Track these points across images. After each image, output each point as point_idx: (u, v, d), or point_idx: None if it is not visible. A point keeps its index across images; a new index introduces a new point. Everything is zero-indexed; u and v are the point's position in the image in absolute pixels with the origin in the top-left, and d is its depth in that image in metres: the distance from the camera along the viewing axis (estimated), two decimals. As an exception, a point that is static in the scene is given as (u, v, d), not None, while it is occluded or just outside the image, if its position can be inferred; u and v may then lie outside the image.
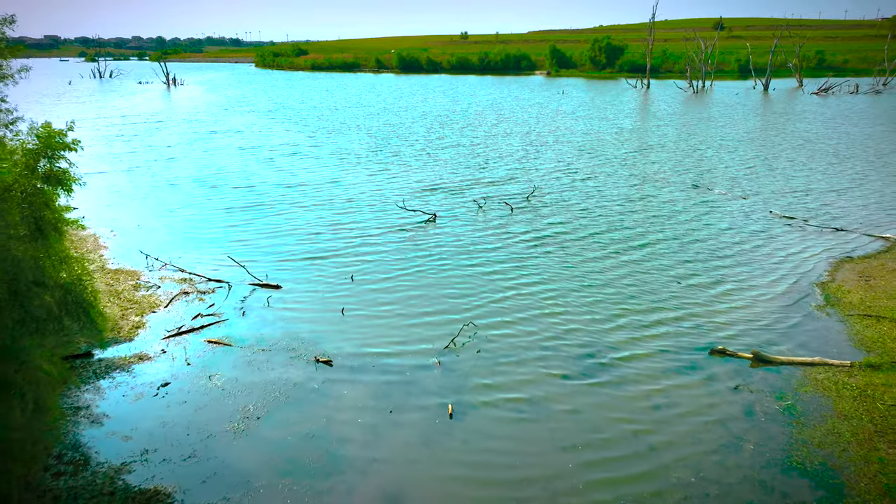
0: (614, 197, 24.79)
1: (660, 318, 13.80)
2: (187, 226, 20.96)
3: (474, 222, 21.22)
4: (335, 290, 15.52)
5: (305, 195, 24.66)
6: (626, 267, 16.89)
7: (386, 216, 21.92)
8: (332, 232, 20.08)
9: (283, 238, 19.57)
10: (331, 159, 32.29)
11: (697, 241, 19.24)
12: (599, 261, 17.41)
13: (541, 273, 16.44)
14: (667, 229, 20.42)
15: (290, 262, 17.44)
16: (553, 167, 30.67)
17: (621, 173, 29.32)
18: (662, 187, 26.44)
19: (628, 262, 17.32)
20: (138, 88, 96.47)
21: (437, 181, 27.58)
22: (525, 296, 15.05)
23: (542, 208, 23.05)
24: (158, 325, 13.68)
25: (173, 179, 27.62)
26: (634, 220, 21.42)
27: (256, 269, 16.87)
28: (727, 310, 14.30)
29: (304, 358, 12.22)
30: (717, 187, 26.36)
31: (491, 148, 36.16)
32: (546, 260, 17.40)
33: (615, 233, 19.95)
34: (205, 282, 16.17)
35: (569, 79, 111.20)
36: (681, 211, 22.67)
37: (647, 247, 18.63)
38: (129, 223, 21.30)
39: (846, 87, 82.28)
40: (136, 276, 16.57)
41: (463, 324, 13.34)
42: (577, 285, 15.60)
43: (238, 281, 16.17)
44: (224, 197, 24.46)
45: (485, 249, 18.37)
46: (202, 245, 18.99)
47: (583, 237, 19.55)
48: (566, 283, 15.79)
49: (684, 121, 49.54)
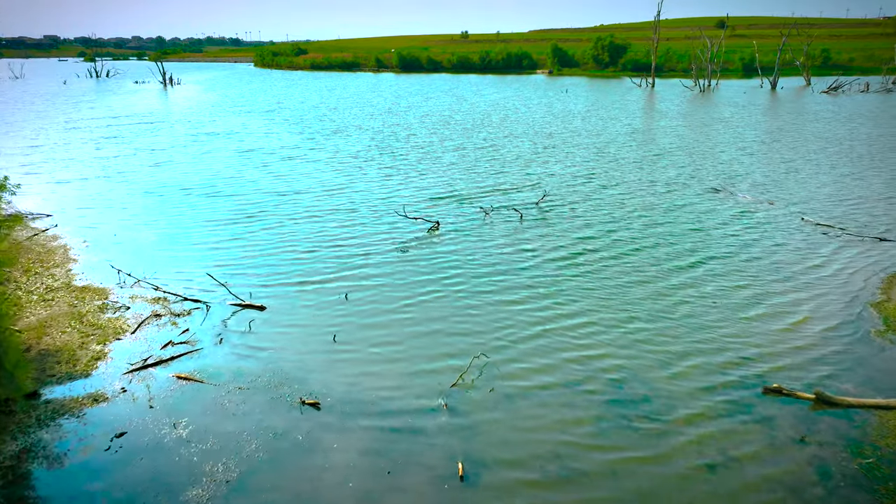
0: (629, 202, 22.98)
1: (698, 347, 11.98)
2: (168, 237, 19.11)
3: (481, 231, 19.41)
4: (326, 312, 13.71)
5: (299, 204, 22.72)
6: (650, 284, 15.07)
7: (385, 225, 20.12)
8: (325, 244, 18.23)
9: (272, 251, 17.72)
10: (328, 164, 30.42)
11: (728, 254, 17.42)
12: (620, 277, 15.59)
13: (557, 293, 14.61)
14: (690, 239, 18.61)
15: (278, 279, 15.62)
16: (562, 170, 28.87)
17: (635, 176, 27.51)
18: (680, 191, 24.63)
19: (651, 278, 15.50)
20: (134, 88, 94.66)
21: (439, 185, 25.78)
22: (542, 321, 13.23)
23: (552, 215, 21.24)
24: (122, 355, 11.88)
25: (158, 186, 25.75)
26: (654, 230, 19.61)
27: (241, 286, 15.07)
28: (772, 336, 12.47)
29: (288, 399, 10.41)
30: (740, 192, 24.55)
31: (496, 150, 34.36)
32: (562, 277, 15.57)
33: (634, 244, 18.13)
34: (181, 301, 14.37)
35: (571, 78, 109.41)
36: (703, 218, 20.86)
37: (672, 261, 16.82)
38: (105, 233, 19.50)
39: (856, 85, 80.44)
40: (104, 294, 14.76)
41: (472, 356, 11.53)
42: (599, 306, 13.78)
43: (218, 300, 14.37)
44: (212, 206, 22.55)
45: (493, 264, 16.54)
46: (183, 259, 17.17)
47: (599, 249, 17.72)
48: (586, 303, 13.97)
49: (696, 121, 47.74)
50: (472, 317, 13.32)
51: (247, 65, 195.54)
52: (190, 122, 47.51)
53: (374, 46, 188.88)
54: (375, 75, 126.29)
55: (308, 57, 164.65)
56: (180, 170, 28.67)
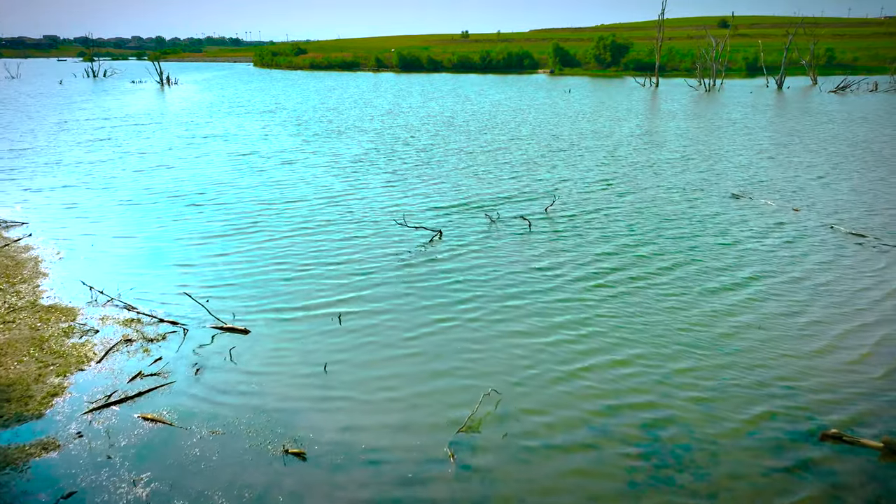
0: (645, 210, 21.55)
1: (743, 385, 10.51)
2: (150, 250, 17.62)
3: (486, 243, 17.97)
4: (317, 337, 12.27)
5: (293, 215, 21.06)
6: (682, 311, 13.55)
7: (384, 236, 18.67)
8: (318, 260, 16.70)
9: (260, 267, 16.18)
10: (327, 169, 28.82)
11: (764, 273, 15.96)
12: (646, 301, 14.10)
13: (576, 321, 13.12)
14: (720, 255, 17.16)
15: (265, 298, 14.15)
16: (571, 175, 27.45)
17: (648, 181, 26.08)
18: (699, 197, 23.19)
19: (683, 303, 14.00)
20: (130, 88, 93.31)
21: (442, 190, 24.36)
22: (560, 353, 11.79)
23: (563, 225, 19.81)
24: (83, 389, 10.44)
25: (145, 193, 24.17)
26: (676, 243, 18.16)
27: (224, 306, 13.64)
28: (829, 372, 10.99)
29: (270, 447, 8.98)
30: (761, 197, 23.12)
31: (501, 153, 32.96)
32: (580, 301, 14.07)
33: (657, 261, 16.64)
34: (156, 323, 12.94)
35: (573, 77, 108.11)
36: (729, 229, 19.41)
37: (704, 281, 15.34)
38: (82, 244, 18.06)
39: (864, 85, 79.03)
40: (72, 314, 13.33)
41: (482, 392, 10.08)
42: (625, 338, 12.28)
43: (197, 322, 12.94)
44: (200, 216, 20.93)
45: (502, 286, 15.06)
46: (164, 274, 15.71)
47: (619, 267, 16.22)
48: (611, 333, 12.48)
49: (706, 123, 46.35)
50: (481, 347, 11.85)
51: (246, 65, 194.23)
52: (185, 124, 46.08)
53: (373, 46, 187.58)
54: (375, 75, 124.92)
55: (307, 56, 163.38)
56: (170, 175, 27.09)
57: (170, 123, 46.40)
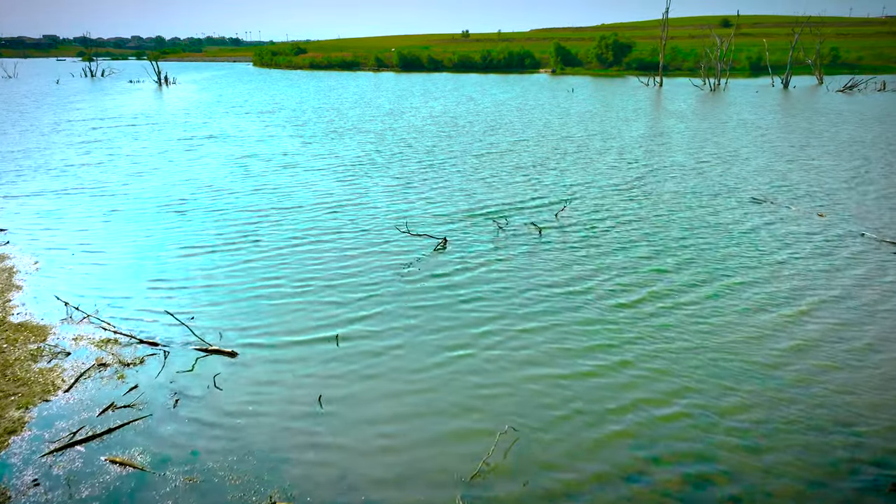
0: (663, 216, 20.36)
1: (791, 422, 9.29)
2: (135, 262, 16.34)
3: (495, 252, 16.77)
4: (311, 362, 11.08)
5: (289, 224, 19.66)
6: (716, 336, 12.18)
7: (386, 245, 17.46)
8: (315, 273, 15.42)
9: (252, 282, 14.92)
10: (326, 172, 27.44)
11: (804, 291, 14.71)
12: (669, 315, 12.89)
13: (600, 347, 11.90)
14: (751, 269, 15.93)
15: (256, 315, 12.95)
16: (582, 178, 26.29)
17: (663, 185, 24.91)
18: (718, 202, 21.99)
19: (718, 326, 12.71)
20: (128, 88, 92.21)
21: (447, 194, 23.18)
22: (579, 379, 10.59)
23: (575, 231, 18.62)
24: (46, 425, 9.25)
25: (134, 199, 22.82)
26: (703, 255, 16.94)
27: (211, 324, 12.46)
28: (882, 404, 9.80)
29: (255, 498, 7.78)
30: (783, 202, 21.93)
31: (509, 155, 31.81)
32: (600, 322, 12.82)
33: (684, 275, 15.35)
34: (134, 344, 11.75)
35: (575, 77, 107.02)
36: (757, 238, 18.20)
37: (738, 301, 14.05)
38: (62, 254, 16.87)
39: (872, 84, 77.83)
40: (43, 334, 12.15)
41: (498, 432, 8.88)
42: (657, 367, 10.95)
43: (180, 343, 11.75)
44: (189, 225, 19.56)
45: (513, 297, 13.85)
46: (148, 289, 14.49)
47: (640, 284, 14.95)
48: (640, 361, 11.20)
49: (717, 123, 45.18)
50: (495, 380, 10.59)
51: (246, 64, 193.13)
52: (180, 125, 44.87)
53: (374, 46, 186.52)
54: (376, 74, 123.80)
55: (307, 56, 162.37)
56: (162, 180, 25.70)
57: (165, 124, 45.22)
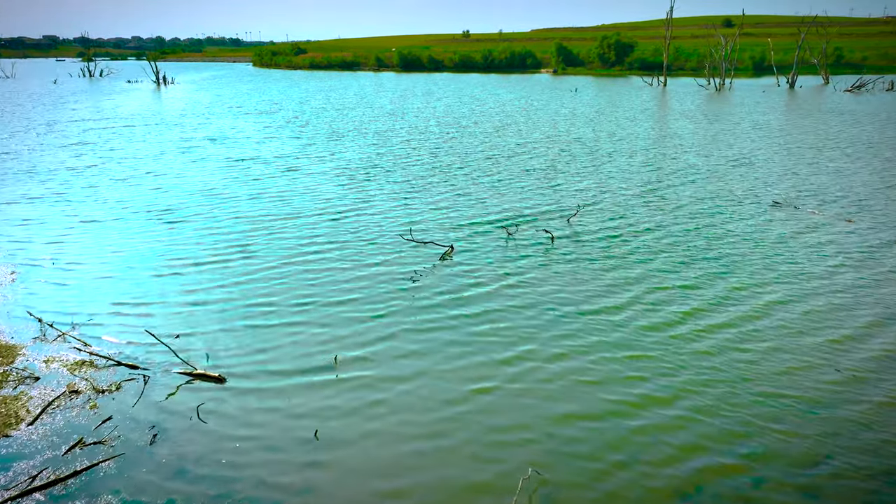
0: (680, 222, 19.24)
1: (855, 466, 8.19)
2: (117, 274, 15.10)
3: (505, 262, 15.62)
4: (307, 387, 9.95)
5: (287, 233, 18.22)
6: (754, 359, 10.99)
7: (389, 254, 16.30)
8: (313, 288, 14.09)
9: (245, 298, 13.68)
10: (325, 177, 25.89)
11: (838, 305, 13.57)
12: (703, 342, 11.68)
13: (621, 370, 10.72)
14: (779, 278, 14.77)
15: (248, 337, 11.80)
16: (594, 182, 25.18)
17: (680, 189, 23.79)
18: (738, 207, 20.87)
19: (747, 344, 11.57)
20: (125, 88, 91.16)
21: (452, 198, 22.06)
22: (607, 419, 9.44)
23: (590, 239, 17.48)
24: (3, 467, 8.11)
25: (122, 206, 21.37)
26: (722, 263, 15.79)
27: (198, 345, 11.33)
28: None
29: (237, 561, 6.66)
30: (804, 205, 20.81)
31: (517, 158, 30.71)
32: (623, 341, 11.61)
33: (707, 289, 14.15)
34: (112, 367, 10.62)
35: (576, 77, 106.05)
36: (780, 245, 17.06)
37: (769, 317, 12.89)
38: (41, 264, 15.74)
39: (880, 84, 76.81)
40: (11, 354, 11.02)
41: (521, 476, 7.75)
42: (686, 397, 9.76)
43: (162, 366, 10.62)
44: (180, 235, 18.09)
45: (527, 316, 12.69)
46: (130, 304, 13.31)
47: (660, 294, 13.77)
48: (665, 390, 10.02)
49: (728, 124, 44.08)
50: (513, 416, 9.43)
51: (245, 64, 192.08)
52: (176, 127, 43.68)
53: (374, 46, 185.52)
54: (376, 74, 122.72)
55: (307, 56, 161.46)
56: (153, 186, 24.18)
57: (161, 126, 44.06)
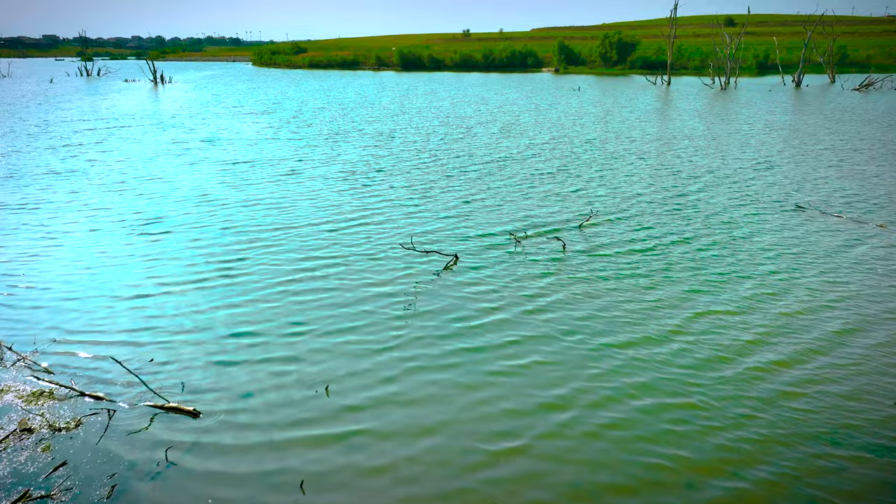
0: (702, 228, 17.98)
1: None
2: (90, 292, 13.62)
3: (513, 273, 14.36)
4: (292, 423, 8.71)
5: (277, 247, 16.51)
6: (800, 390, 9.86)
7: (388, 269, 14.97)
8: (303, 310, 12.66)
9: (227, 323, 12.24)
10: (324, 182, 24.24)
11: (890, 330, 12.37)
12: (745, 377, 10.43)
13: (663, 413, 9.53)
14: (815, 293, 13.51)
15: (227, 366, 10.51)
16: (605, 184, 23.93)
17: (697, 192, 22.53)
18: (759, 210, 19.62)
19: (790, 370, 10.36)
20: (122, 87, 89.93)
21: (456, 203, 20.81)
22: (655, 472, 8.22)
23: (605, 248, 16.21)
24: (-67, 527, 6.91)
25: (104, 216, 19.65)
26: (753, 277, 14.50)
27: (173, 374, 10.09)
28: None
29: None
30: (830, 209, 19.57)
31: (523, 159, 29.47)
32: (656, 378, 10.33)
33: (738, 307, 12.83)
34: (74, 398, 9.39)
35: (578, 76, 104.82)
36: (813, 254, 15.79)
37: (815, 341, 11.67)
38: (11, 276, 14.49)
39: (888, 82, 75.58)
40: (-37, 383, 9.79)
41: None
42: (734, 450, 8.65)
43: (130, 397, 9.38)
44: (164, 250, 16.39)
45: (539, 344, 11.42)
46: (101, 326, 11.99)
47: (686, 313, 12.49)
48: (710, 439, 8.88)
49: (738, 124, 42.84)
50: (551, 478, 8.27)
51: (245, 64, 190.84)
52: (170, 127, 42.30)
53: (374, 45, 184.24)
54: (376, 74, 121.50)
55: (306, 55, 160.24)
56: (140, 191, 22.55)
57: (154, 127, 42.73)
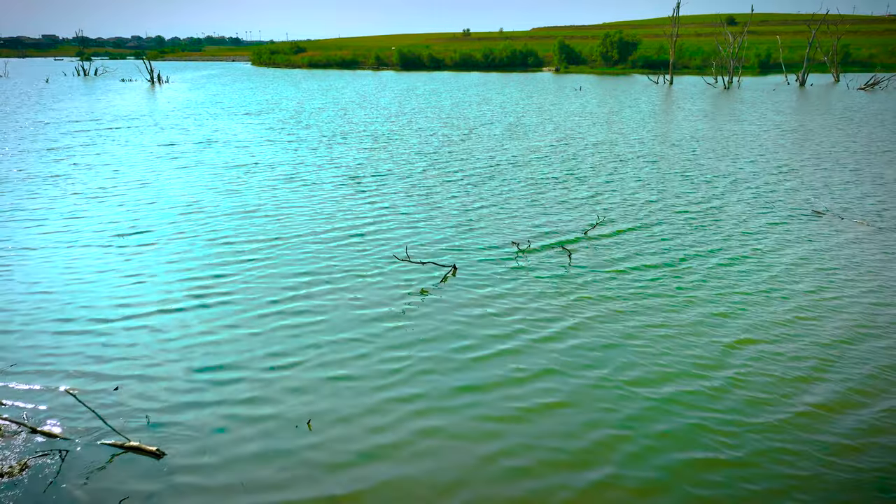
0: (715, 237, 16.99)
1: None
2: (47, 318, 12.19)
3: (517, 284, 13.37)
4: (270, 460, 7.73)
5: (266, 257, 15.30)
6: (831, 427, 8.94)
7: (383, 286, 13.92)
8: (284, 328, 11.53)
9: (204, 354, 10.84)
10: (322, 188, 22.75)
11: None
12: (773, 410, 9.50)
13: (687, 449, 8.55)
14: (841, 307, 12.52)
15: (200, 395, 9.49)
16: (611, 189, 22.95)
17: (709, 198, 21.55)
18: (777, 215, 18.63)
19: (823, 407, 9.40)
20: (119, 87, 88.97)
21: (458, 209, 19.83)
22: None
23: (612, 259, 15.21)
24: None
25: (83, 227, 18.03)
26: (773, 291, 13.46)
27: (137, 407, 9.09)
28: None
29: None
30: (847, 215, 18.60)
31: (526, 161, 28.51)
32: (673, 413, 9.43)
33: (758, 324, 11.77)
34: (24, 434, 8.40)
35: (579, 75, 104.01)
36: (836, 263, 14.81)
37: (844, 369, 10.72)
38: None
39: (895, 81, 74.69)
40: None
41: None
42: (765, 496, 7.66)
43: (87, 435, 8.38)
44: (138, 265, 15.03)
45: (545, 374, 10.44)
46: (64, 353, 10.93)
47: (705, 337, 11.48)
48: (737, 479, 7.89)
49: (748, 126, 41.88)
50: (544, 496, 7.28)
51: (244, 63, 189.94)
52: (164, 129, 41.11)
53: (374, 45, 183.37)
54: (376, 73, 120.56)
55: (306, 55, 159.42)
56: (123, 199, 20.80)
57: (148, 128, 41.64)
